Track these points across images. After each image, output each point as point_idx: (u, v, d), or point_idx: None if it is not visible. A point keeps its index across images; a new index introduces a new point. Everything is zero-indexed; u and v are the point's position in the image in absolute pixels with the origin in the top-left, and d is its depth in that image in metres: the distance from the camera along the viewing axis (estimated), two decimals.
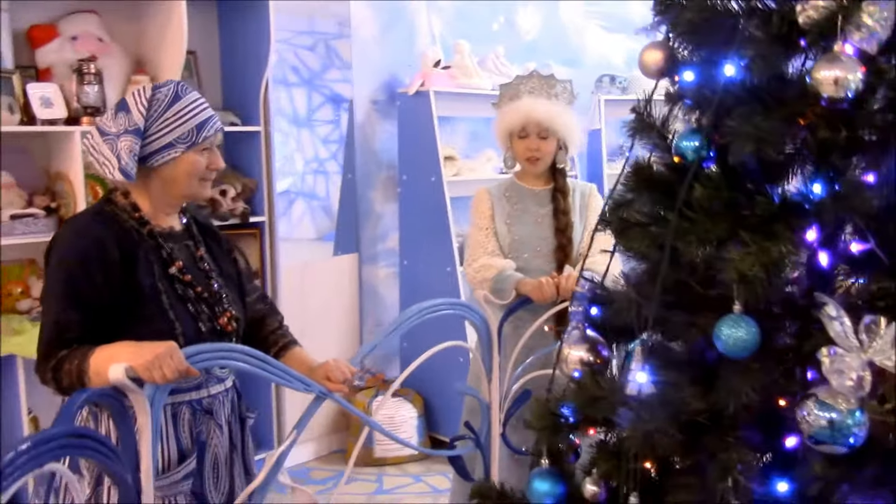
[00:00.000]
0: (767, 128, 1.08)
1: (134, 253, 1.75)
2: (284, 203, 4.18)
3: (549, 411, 1.27)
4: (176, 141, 1.77)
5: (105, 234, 1.73)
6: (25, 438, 1.25)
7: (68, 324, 1.68)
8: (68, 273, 1.70)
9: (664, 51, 1.32)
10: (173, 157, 1.78)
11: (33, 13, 3.22)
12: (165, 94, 1.79)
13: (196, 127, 1.79)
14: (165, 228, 1.85)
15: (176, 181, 1.81)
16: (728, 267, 1.07)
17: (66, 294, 1.69)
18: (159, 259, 1.81)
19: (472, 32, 4.56)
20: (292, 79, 4.20)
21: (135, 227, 1.80)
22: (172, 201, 1.86)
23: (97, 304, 1.69)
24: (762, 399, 1.10)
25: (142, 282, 1.75)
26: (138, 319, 1.73)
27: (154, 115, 1.76)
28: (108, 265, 1.70)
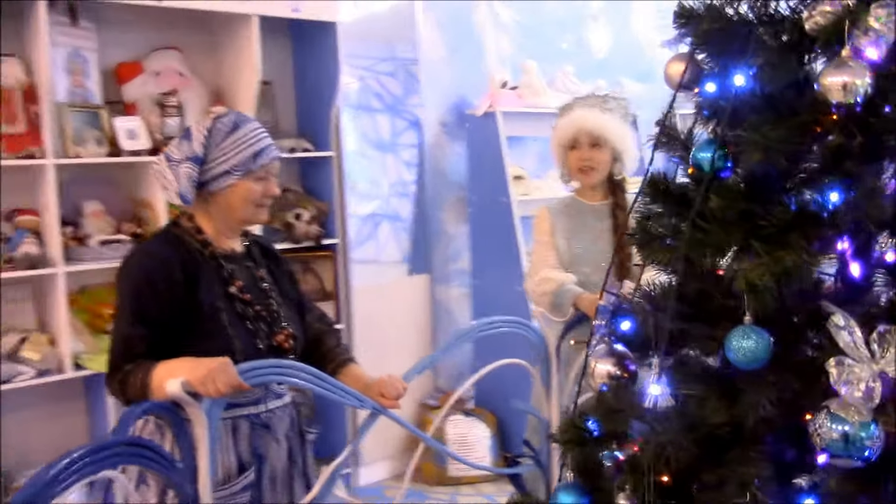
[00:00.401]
0: (776, 136, 1.07)
1: (196, 273, 1.85)
2: (370, 226, 4.30)
3: (573, 425, 1.28)
4: (232, 169, 1.86)
5: (170, 255, 1.84)
6: (82, 447, 1.35)
7: (135, 339, 1.78)
8: (136, 291, 1.81)
9: (685, 62, 1.32)
10: (230, 185, 1.87)
11: (121, 51, 3.43)
12: (225, 123, 1.89)
13: (252, 156, 1.88)
14: (227, 250, 1.94)
15: (232, 207, 1.90)
16: (738, 277, 1.06)
17: (134, 311, 1.80)
18: (220, 279, 1.90)
19: (540, 52, 4.59)
20: (376, 105, 4.31)
21: (198, 249, 1.89)
22: (232, 225, 1.95)
23: (161, 320, 1.79)
24: (783, 412, 1.08)
25: (203, 300, 1.84)
26: (200, 336, 1.82)
27: (213, 144, 1.86)
28: (173, 284, 1.81)
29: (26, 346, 3.05)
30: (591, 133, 2.65)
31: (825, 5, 1.05)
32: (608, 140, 2.65)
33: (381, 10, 4.27)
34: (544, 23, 4.69)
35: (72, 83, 3.23)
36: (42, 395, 3.20)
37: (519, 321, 2.39)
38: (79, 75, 3.25)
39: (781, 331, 1.09)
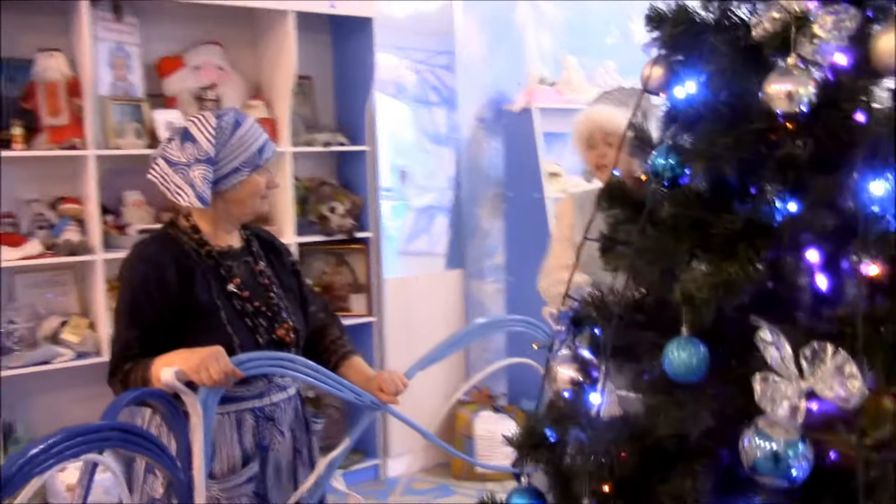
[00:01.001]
0: (723, 145, 1.05)
1: (192, 272, 1.87)
2: (426, 219, 4.35)
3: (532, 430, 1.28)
4: (242, 165, 1.88)
5: (163, 256, 1.87)
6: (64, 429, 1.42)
7: (131, 341, 1.83)
8: (131, 294, 1.85)
9: (659, 67, 1.30)
10: (240, 181, 1.89)
11: (163, 46, 3.54)
12: (228, 122, 1.89)
13: (258, 150, 1.91)
14: (224, 247, 1.97)
15: (241, 202, 1.93)
16: (675, 288, 1.05)
17: (129, 313, 1.85)
18: (217, 277, 1.92)
19: (584, 47, 4.54)
20: (433, 98, 4.34)
21: (194, 248, 1.92)
22: (235, 221, 1.98)
23: (156, 322, 1.83)
24: (726, 426, 1.06)
25: (200, 299, 1.86)
26: (198, 334, 1.83)
27: (221, 143, 1.87)
28: (166, 285, 1.83)
29: (67, 328, 3.19)
30: (604, 130, 2.57)
31: (773, 11, 1.03)
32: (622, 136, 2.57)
33: (430, 6, 4.29)
34: (589, 18, 4.63)
35: (115, 77, 3.35)
36: (80, 376, 3.34)
37: (528, 320, 2.38)
38: (122, 69, 3.37)
39: (725, 343, 1.07)
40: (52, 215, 3.26)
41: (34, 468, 1.33)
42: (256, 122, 1.97)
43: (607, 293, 1.23)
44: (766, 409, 0.98)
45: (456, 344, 2.28)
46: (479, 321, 2.31)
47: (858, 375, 0.93)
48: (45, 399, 3.28)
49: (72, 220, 3.24)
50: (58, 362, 3.13)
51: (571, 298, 1.28)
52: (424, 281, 4.26)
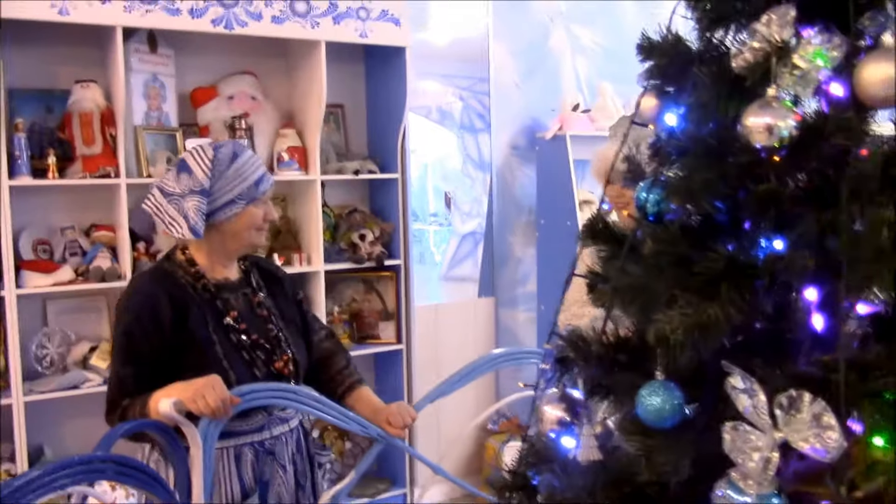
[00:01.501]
0: (699, 181, 1.00)
1: (187, 306, 1.86)
2: (470, 244, 4.33)
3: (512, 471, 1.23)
4: (237, 198, 1.88)
5: (158, 291, 1.86)
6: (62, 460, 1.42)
7: (126, 378, 1.83)
8: (126, 332, 1.85)
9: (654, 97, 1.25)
10: (236, 213, 1.88)
11: (198, 76, 3.60)
12: (225, 153, 1.90)
13: (255, 183, 1.90)
14: (220, 280, 1.95)
15: (237, 234, 1.92)
16: (649, 329, 1.00)
17: (124, 350, 1.85)
18: (214, 311, 1.90)
19: (622, 73, 4.48)
20: (478, 125, 4.35)
21: (189, 282, 1.91)
22: (231, 253, 1.97)
23: (151, 358, 1.83)
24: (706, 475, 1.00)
25: (195, 333, 1.85)
26: (194, 369, 1.81)
27: (217, 175, 1.86)
28: (160, 321, 1.82)
29: (95, 354, 3.23)
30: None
31: (754, 41, 0.98)
32: None
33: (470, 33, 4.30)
34: (626, 44, 4.58)
35: (149, 107, 3.41)
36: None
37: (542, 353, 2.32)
38: (156, 99, 3.43)
39: (708, 387, 1.01)
40: (86, 242, 3.32)
41: (20, 498, 1.33)
42: (255, 155, 1.96)
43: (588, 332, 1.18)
44: (736, 460, 0.92)
45: (468, 376, 2.24)
46: (493, 352, 2.27)
47: (836, 426, 0.86)
48: (74, 423, 3.32)
49: (104, 246, 3.29)
50: (86, 387, 3.17)
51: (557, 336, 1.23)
52: (455, 309, 4.22)
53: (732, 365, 0.93)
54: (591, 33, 4.48)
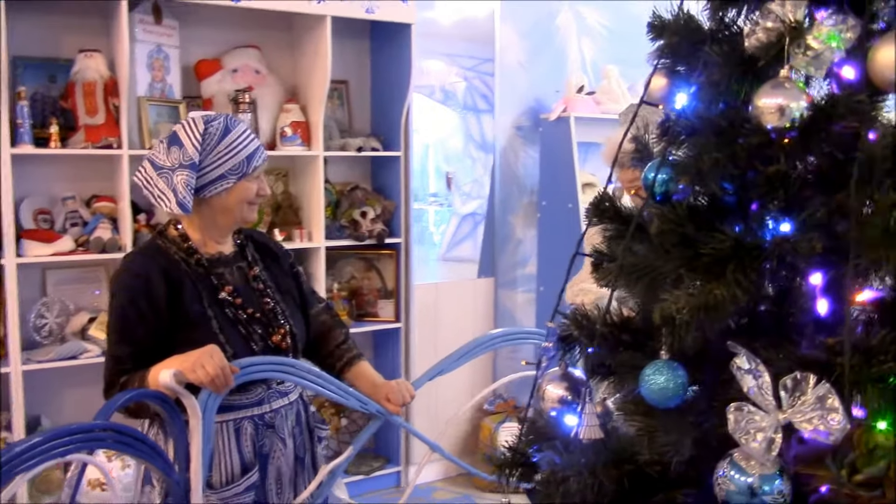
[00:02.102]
0: (708, 161, 0.99)
1: (181, 283, 1.83)
2: (470, 225, 4.33)
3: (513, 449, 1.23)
4: (228, 173, 1.83)
5: (150, 268, 1.82)
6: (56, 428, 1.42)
7: (122, 357, 1.81)
8: (120, 311, 1.82)
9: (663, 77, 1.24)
10: (226, 188, 1.84)
11: (201, 48, 3.58)
12: (217, 127, 1.84)
13: (246, 158, 1.85)
14: (214, 254, 1.92)
15: (227, 209, 1.87)
16: (655, 309, 0.99)
17: (119, 329, 1.82)
18: (208, 286, 1.87)
19: (626, 56, 4.46)
20: (482, 105, 4.33)
21: (183, 258, 1.87)
22: (223, 229, 1.92)
23: (147, 336, 1.80)
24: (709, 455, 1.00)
25: (190, 309, 1.82)
26: (190, 345, 1.78)
27: (207, 149, 1.82)
28: (154, 299, 1.80)
29: (94, 325, 3.23)
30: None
31: (767, 21, 0.97)
32: None
33: (476, 13, 4.27)
34: (632, 26, 4.55)
35: (153, 78, 3.39)
36: None
37: (542, 333, 2.32)
38: (160, 70, 3.41)
39: (712, 367, 1.01)
40: (86, 213, 3.32)
41: (18, 465, 1.33)
42: (249, 129, 1.92)
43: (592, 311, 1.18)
44: (739, 440, 0.92)
45: (467, 355, 2.24)
46: (492, 332, 2.27)
47: (840, 409, 0.86)
48: (71, 393, 3.33)
49: (105, 217, 3.29)
50: (84, 358, 3.17)
51: (560, 315, 1.23)
52: (454, 288, 4.22)
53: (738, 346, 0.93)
54: (598, 14, 4.45)
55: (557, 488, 1.04)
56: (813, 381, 0.88)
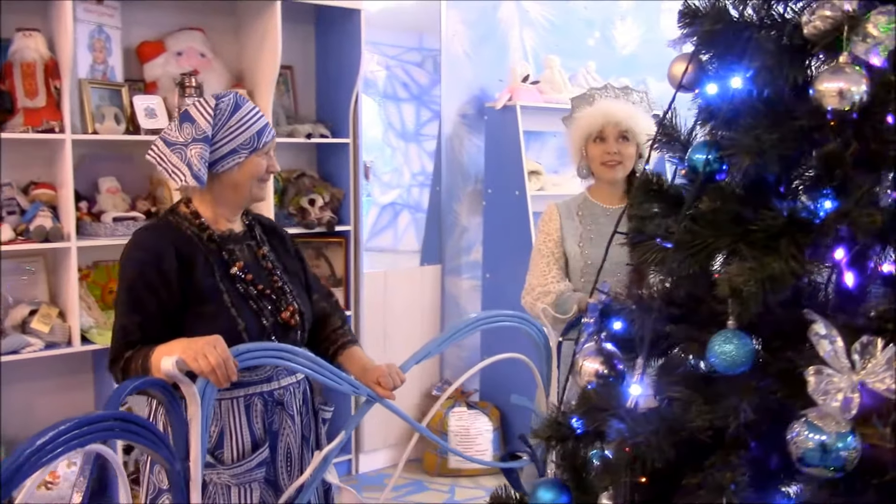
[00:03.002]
0: (769, 140, 1.05)
1: (193, 258, 1.86)
2: (390, 215, 4.32)
3: (556, 421, 1.27)
4: (240, 147, 1.87)
5: (162, 242, 1.85)
6: (70, 419, 1.37)
7: (130, 327, 1.80)
8: (129, 282, 1.83)
9: (689, 63, 1.30)
10: (237, 163, 1.88)
11: (144, 30, 3.45)
12: (227, 103, 1.88)
13: (257, 133, 1.89)
14: (225, 231, 1.95)
15: (239, 185, 1.90)
16: (722, 281, 1.05)
17: (128, 301, 1.82)
18: (220, 261, 1.90)
19: (566, 47, 4.57)
20: (402, 94, 4.32)
21: (195, 234, 1.90)
22: (235, 205, 1.95)
23: (156, 308, 1.81)
24: (766, 419, 1.07)
25: (202, 284, 1.85)
26: (203, 318, 1.83)
27: (220, 124, 1.86)
28: (165, 272, 1.81)
29: (36, 318, 3.08)
30: (620, 125, 2.51)
31: (825, 10, 1.03)
32: (636, 133, 2.52)
33: (407, 3, 4.27)
34: (572, 20, 4.66)
35: (94, 60, 3.25)
36: (49, 367, 3.25)
37: (521, 316, 2.36)
38: (101, 52, 3.28)
39: (768, 337, 1.07)
40: (24, 200, 3.16)
41: (42, 457, 1.28)
42: (257, 108, 1.95)
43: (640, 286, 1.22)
44: (819, 401, 0.98)
45: (450, 339, 2.25)
46: (472, 315, 2.29)
47: None
48: (13, 390, 3.18)
49: (44, 205, 3.14)
50: (27, 352, 3.03)
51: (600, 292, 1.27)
52: (402, 275, 4.23)
53: (813, 313, 0.99)
54: (538, 6, 4.53)
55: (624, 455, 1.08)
56: (881, 344, 0.95)
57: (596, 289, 1.32)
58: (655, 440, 1.07)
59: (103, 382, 3.34)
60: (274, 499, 1.94)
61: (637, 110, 2.57)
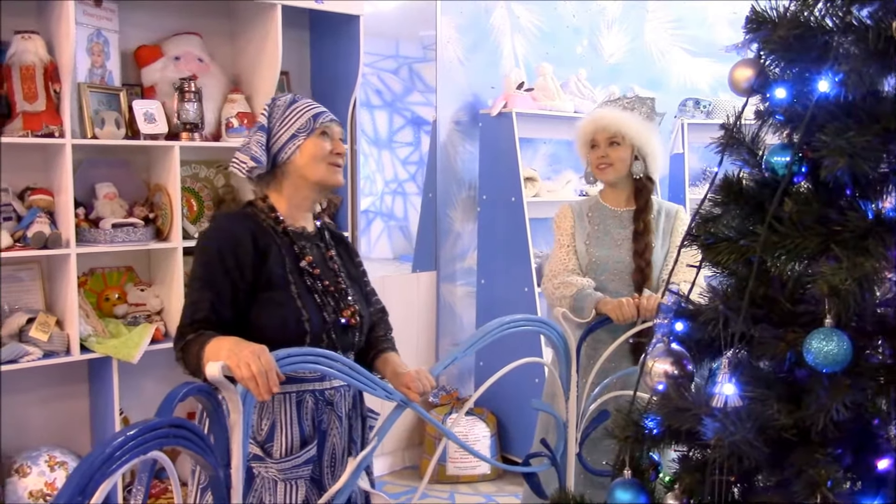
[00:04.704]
0: (862, 143, 1.08)
1: (267, 246, 1.94)
2: (363, 222, 4.30)
3: (632, 422, 1.28)
4: (298, 132, 1.97)
5: (240, 229, 1.93)
6: (135, 425, 1.34)
7: (202, 304, 1.85)
8: (205, 260, 1.90)
9: (755, 68, 1.32)
10: (297, 146, 1.97)
11: (141, 34, 3.40)
12: (284, 100, 2.03)
13: (312, 116, 1.99)
14: (298, 228, 2.03)
15: (304, 169, 1.98)
16: (819, 280, 1.07)
17: (203, 278, 1.88)
18: (291, 253, 1.98)
19: (556, 55, 4.61)
20: (375, 101, 4.32)
21: (271, 226, 1.99)
22: (307, 195, 2.02)
23: (228, 289, 1.87)
24: (853, 417, 1.09)
25: (273, 271, 1.92)
26: (270, 305, 1.90)
27: (276, 116, 2.00)
28: (240, 255, 1.89)
29: (34, 326, 3.01)
30: (608, 130, 2.67)
31: None
32: (626, 137, 2.65)
33: (388, 8, 4.27)
34: (561, 27, 4.71)
35: (92, 63, 3.20)
36: (46, 376, 3.17)
37: (542, 320, 2.38)
38: (99, 56, 3.22)
39: (855, 335, 1.10)
40: (20, 206, 3.08)
41: (111, 465, 1.25)
42: (315, 102, 2.05)
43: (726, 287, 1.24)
44: None
45: (475, 344, 2.26)
46: (496, 321, 2.30)
47: None
48: (10, 399, 3.10)
49: (41, 211, 3.07)
50: (25, 361, 2.95)
51: (671, 293, 1.28)
52: (398, 282, 4.22)
53: None
54: (529, 13, 4.56)
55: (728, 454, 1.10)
56: None
57: (667, 289, 1.34)
58: (752, 439, 1.09)
59: (99, 392, 3.27)
60: (318, 498, 1.95)
61: (627, 116, 2.67)
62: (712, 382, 1.21)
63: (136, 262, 3.43)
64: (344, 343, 2.03)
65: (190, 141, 3.29)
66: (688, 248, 1.37)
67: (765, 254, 1.16)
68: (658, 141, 2.70)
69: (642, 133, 2.66)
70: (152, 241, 3.24)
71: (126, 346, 3.11)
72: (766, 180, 1.23)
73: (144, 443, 1.34)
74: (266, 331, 1.88)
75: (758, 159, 1.28)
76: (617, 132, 2.66)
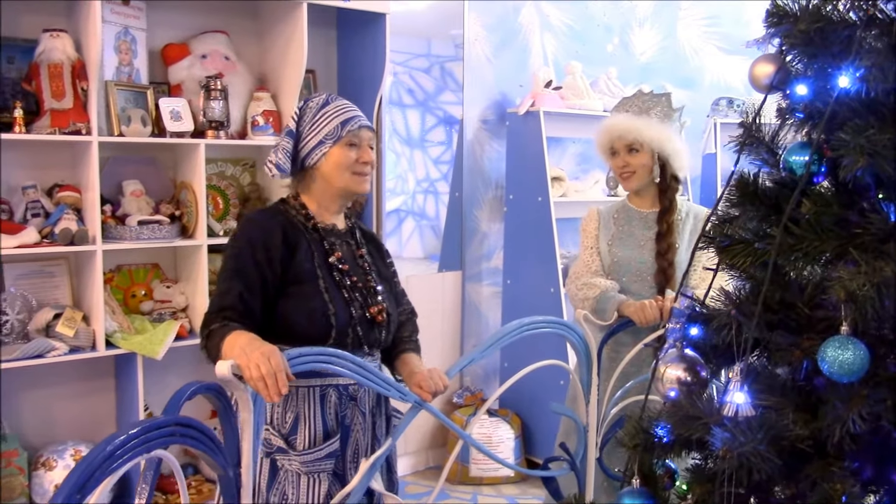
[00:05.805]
0: (883, 142, 1.03)
1: (297, 241, 1.97)
2: (394, 221, 4.29)
3: (642, 430, 1.24)
4: (325, 138, 1.99)
5: (271, 223, 1.97)
6: (137, 423, 1.33)
7: (230, 293, 1.88)
8: (236, 252, 1.94)
9: (776, 63, 1.27)
10: (324, 153, 1.99)
11: (169, 33, 3.42)
12: (316, 102, 2.04)
13: (340, 124, 2.00)
14: (329, 225, 2.06)
15: (329, 176, 2.00)
16: (836, 285, 1.02)
17: (233, 268, 1.92)
18: (321, 249, 2.01)
19: (585, 54, 4.55)
20: (407, 100, 4.30)
21: (301, 222, 2.02)
22: (334, 198, 2.05)
23: (257, 281, 1.90)
24: (872, 428, 1.04)
25: (302, 266, 1.95)
26: (297, 298, 1.93)
27: (305, 120, 2.01)
28: (271, 248, 1.92)
29: (60, 321, 3.04)
30: (625, 138, 2.61)
31: None
32: (644, 143, 2.58)
33: (420, 7, 4.25)
34: (591, 26, 4.65)
35: (119, 62, 3.22)
36: (73, 371, 3.21)
37: (563, 323, 2.34)
38: (126, 54, 3.24)
39: (873, 343, 1.05)
40: (48, 203, 3.12)
41: (112, 463, 1.25)
42: (347, 103, 2.05)
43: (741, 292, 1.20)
44: None
45: (493, 346, 2.23)
46: (516, 322, 2.26)
47: None
48: (31, 396, 3.13)
49: (69, 208, 3.10)
50: (51, 356, 2.98)
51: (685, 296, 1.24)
52: (423, 281, 4.20)
53: None
54: (559, 11, 4.51)
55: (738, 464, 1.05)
56: None
57: (680, 293, 1.29)
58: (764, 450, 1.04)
59: (124, 388, 3.30)
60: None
61: (643, 122, 2.59)
62: (725, 390, 1.17)
63: (161, 259, 3.45)
64: (370, 340, 2.03)
65: (215, 139, 3.30)
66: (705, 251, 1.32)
67: (780, 257, 1.11)
68: (679, 138, 2.63)
69: (660, 136, 2.59)
70: (178, 239, 3.25)
71: (151, 343, 3.13)
72: (784, 180, 1.18)
73: (147, 441, 1.34)
74: (293, 324, 1.91)
75: (777, 158, 1.23)
76: (634, 140, 2.60)
